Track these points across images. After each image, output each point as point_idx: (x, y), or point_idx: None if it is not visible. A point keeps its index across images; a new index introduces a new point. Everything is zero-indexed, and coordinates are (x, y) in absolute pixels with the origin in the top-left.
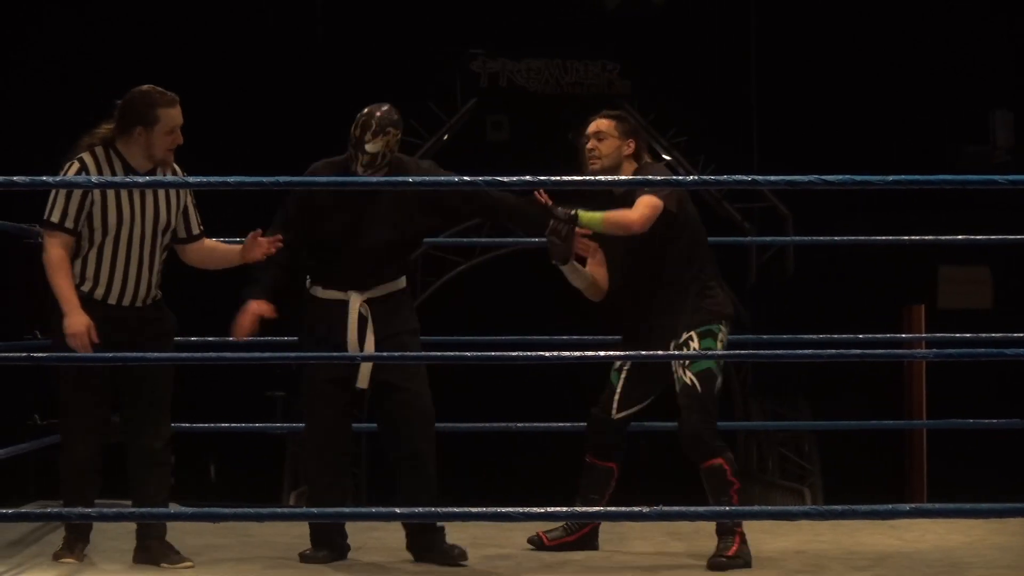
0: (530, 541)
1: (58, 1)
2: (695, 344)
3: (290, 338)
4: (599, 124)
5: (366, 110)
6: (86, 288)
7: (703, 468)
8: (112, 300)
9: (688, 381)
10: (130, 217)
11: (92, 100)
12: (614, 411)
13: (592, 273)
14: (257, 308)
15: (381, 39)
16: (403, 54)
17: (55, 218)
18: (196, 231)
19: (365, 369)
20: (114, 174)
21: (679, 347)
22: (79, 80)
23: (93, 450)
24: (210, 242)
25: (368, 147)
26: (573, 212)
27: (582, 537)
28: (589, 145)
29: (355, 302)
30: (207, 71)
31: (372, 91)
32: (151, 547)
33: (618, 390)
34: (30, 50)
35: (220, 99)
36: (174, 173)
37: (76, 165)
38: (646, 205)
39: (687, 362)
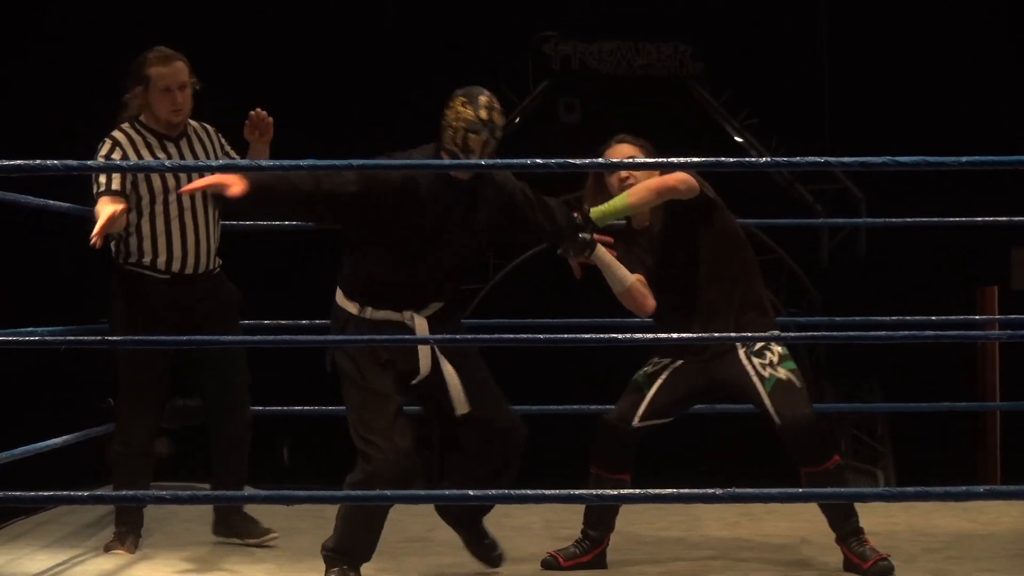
0: (544, 564)
1: None
2: (776, 350)
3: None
4: (625, 150)
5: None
6: (147, 260)
7: (821, 469)
8: (175, 267)
9: (784, 377)
10: (175, 183)
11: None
12: (636, 419)
13: (637, 279)
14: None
15: (452, 22)
16: (475, 37)
17: (102, 186)
18: None
19: (459, 399)
20: (146, 144)
21: (754, 354)
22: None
23: (145, 433)
24: None
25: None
26: (578, 217)
27: (596, 557)
28: (623, 175)
29: (420, 325)
30: (278, 56)
31: (443, 74)
32: (233, 521)
33: (648, 396)
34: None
35: (291, 84)
36: (198, 132)
37: (108, 144)
38: (677, 175)
39: (776, 361)
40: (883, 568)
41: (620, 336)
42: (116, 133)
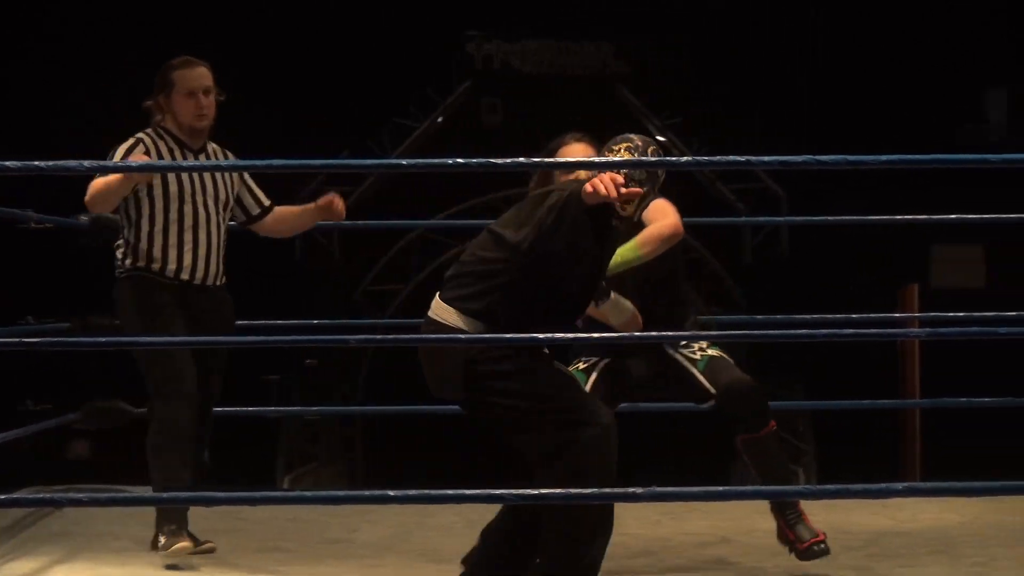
0: None
1: None
2: (702, 343)
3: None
4: (579, 150)
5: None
6: (157, 266)
7: (761, 435)
8: (185, 276)
9: (715, 354)
10: (191, 191)
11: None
12: None
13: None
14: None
15: (376, 22)
16: (398, 37)
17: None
18: (267, 203)
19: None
20: (168, 150)
21: (681, 347)
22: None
23: (191, 432)
24: (280, 209)
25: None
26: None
27: None
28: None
29: None
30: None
31: (367, 75)
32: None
33: (586, 388)
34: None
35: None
36: (218, 154)
37: (131, 140)
38: (668, 209)
39: (705, 345)
40: (816, 552)
41: (574, 336)
42: (140, 134)
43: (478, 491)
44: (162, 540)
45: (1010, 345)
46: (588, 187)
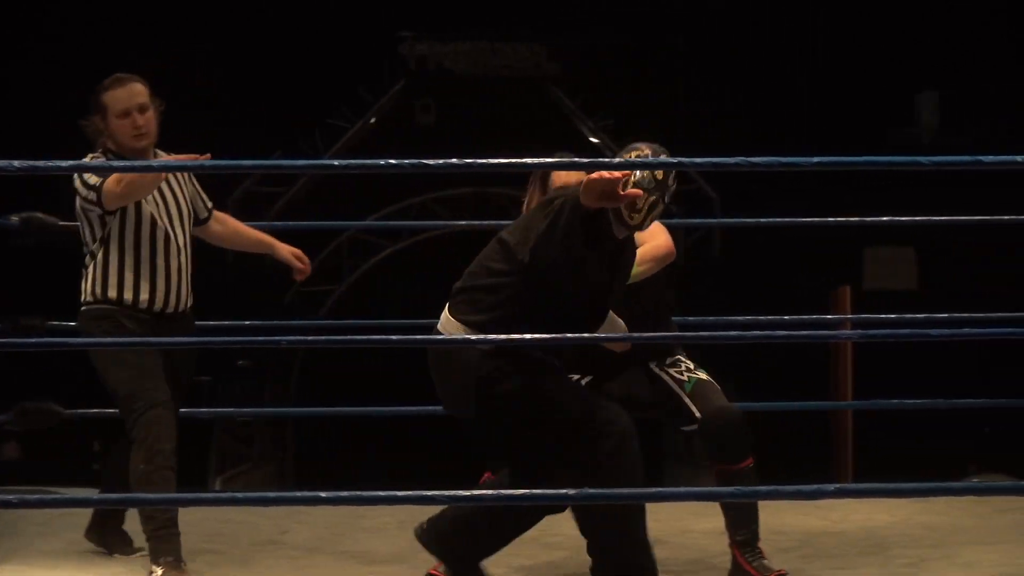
0: None
1: None
2: (688, 362)
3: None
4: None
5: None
6: (128, 297)
7: (739, 468)
8: (158, 305)
9: (704, 378)
10: (158, 212)
11: None
12: None
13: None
14: None
15: (309, 22)
16: (331, 38)
17: (93, 180)
18: (210, 205)
19: None
20: None
21: (668, 366)
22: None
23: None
24: (233, 222)
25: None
26: None
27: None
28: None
29: None
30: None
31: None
32: (108, 535)
33: None
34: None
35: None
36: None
37: (92, 156)
38: (659, 229)
39: (692, 367)
40: None
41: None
42: (93, 155)
43: (410, 492)
44: (159, 572)
45: (941, 347)
46: (585, 181)
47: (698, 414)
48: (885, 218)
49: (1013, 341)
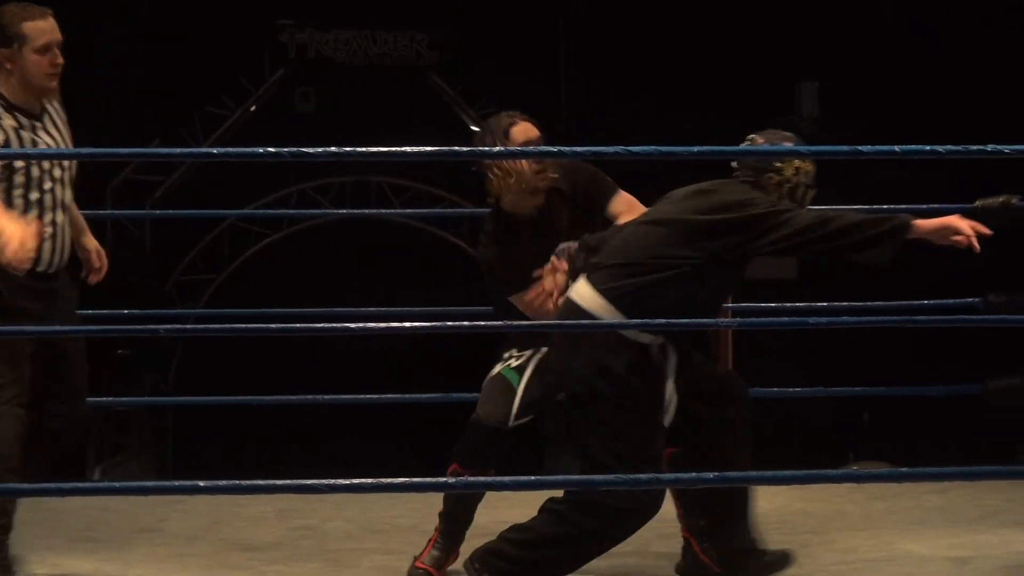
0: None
1: None
2: None
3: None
4: (527, 127)
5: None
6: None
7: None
8: (42, 266)
9: None
10: (48, 169)
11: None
12: (512, 419)
13: None
14: None
15: (189, 11)
16: (212, 25)
17: None
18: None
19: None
20: (19, 126)
21: None
22: None
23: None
24: (75, 212)
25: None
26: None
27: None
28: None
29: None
30: None
31: (179, 64)
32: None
33: (520, 393)
34: None
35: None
36: (54, 108)
37: None
38: (636, 201)
39: None
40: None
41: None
42: None
43: (288, 481)
44: None
45: (819, 335)
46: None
47: None
48: None
49: (889, 329)
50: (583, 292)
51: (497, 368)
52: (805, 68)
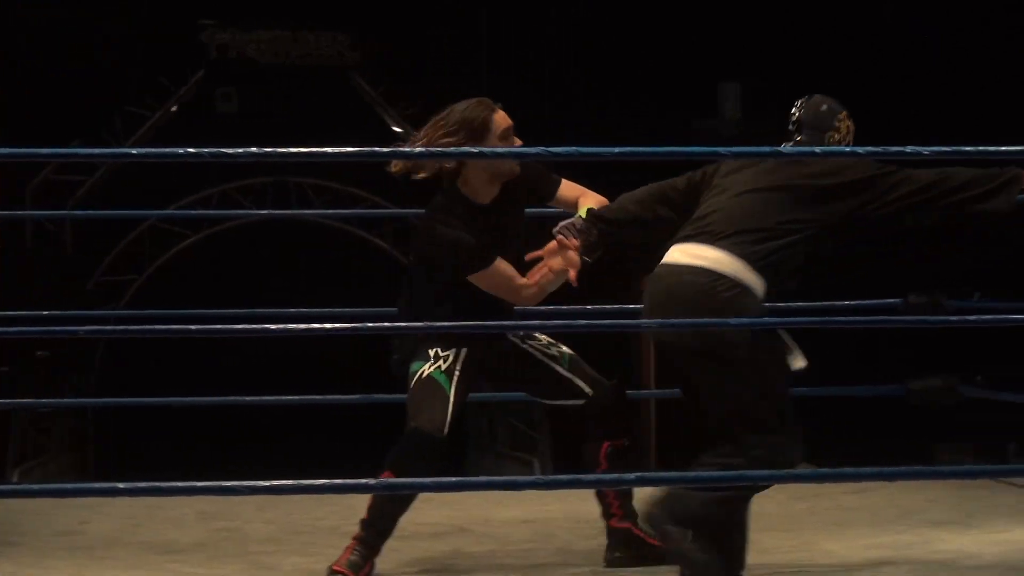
0: None
1: None
2: (544, 336)
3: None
4: (503, 115)
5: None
6: None
7: (624, 446)
8: None
9: (572, 353)
10: None
11: None
12: (446, 427)
13: None
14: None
15: (110, 10)
16: (132, 24)
17: None
18: None
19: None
20: None
21: (528, 338)
22: None
23: None
24: None
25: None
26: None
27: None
28: (518, 142)
29: None
30: None
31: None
32: None
33: (452, 398)
34: None
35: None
36: None
37: None
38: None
39: (551, 340)
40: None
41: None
42: None
43: (208, 483)
44: None
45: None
46: None
47: (588, 390)
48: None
49: (809, 330)
50: (712, 255)
51: (426, 369)
52: (726, 68)
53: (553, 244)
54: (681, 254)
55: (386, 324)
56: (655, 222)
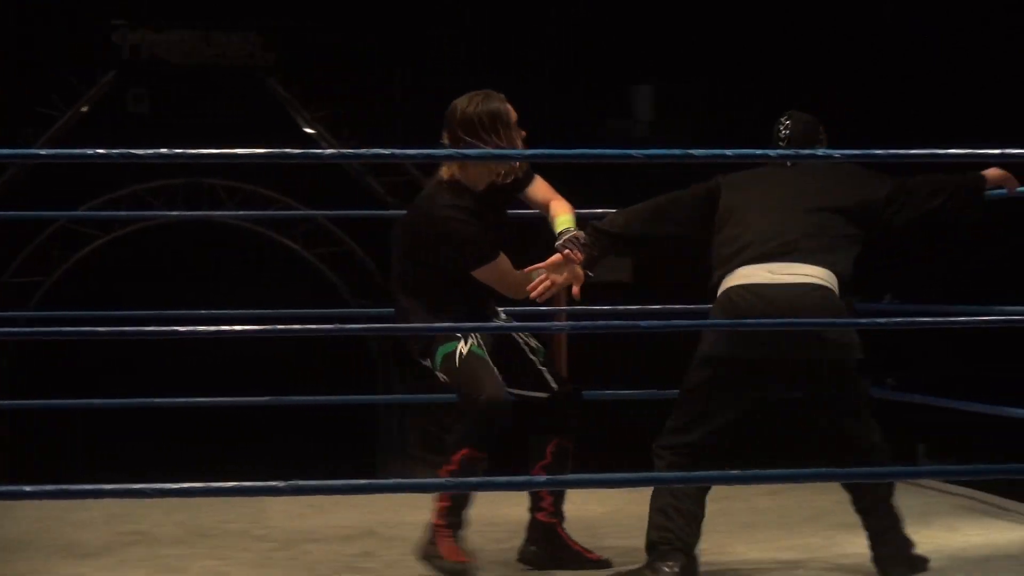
0: None
1: None
2: (524, 333)
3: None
4: (511, 108)
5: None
6: None
7: (571, 444)
8: None
9: (542, 348)
10: None
11: None
12: (506, 391)
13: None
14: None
15: (20, 8)
16: (42, 24)
17: None
18: None
19: None
20: None
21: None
22: None
23: None
24: None
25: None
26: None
27: None
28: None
29: None
30: None
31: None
32: None
33: (494, 368)
34: None
35: None
36: None
37: None
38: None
39: (527, 336)
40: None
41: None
42: None
43: (116, 486)
44: None
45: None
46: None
47: (554, 385)
48: (600, 210)
49: None
50: (815, 272)
51: (463, 348)
52: (639, 71)
53: (557, 257)
54: (781, 274)
55: (296, 327)
56: (662, 239)
